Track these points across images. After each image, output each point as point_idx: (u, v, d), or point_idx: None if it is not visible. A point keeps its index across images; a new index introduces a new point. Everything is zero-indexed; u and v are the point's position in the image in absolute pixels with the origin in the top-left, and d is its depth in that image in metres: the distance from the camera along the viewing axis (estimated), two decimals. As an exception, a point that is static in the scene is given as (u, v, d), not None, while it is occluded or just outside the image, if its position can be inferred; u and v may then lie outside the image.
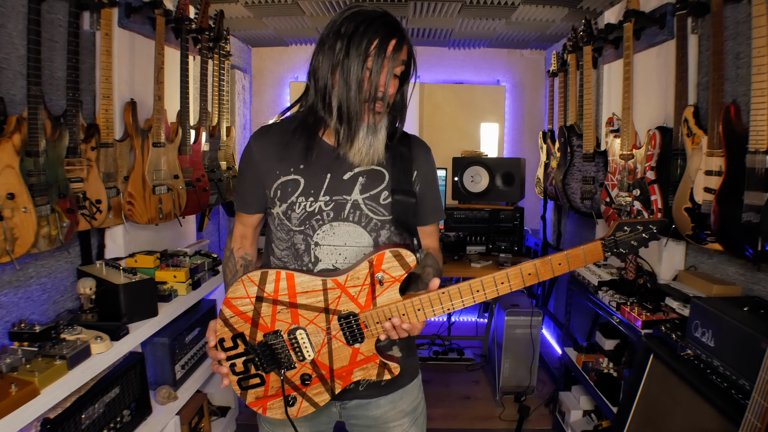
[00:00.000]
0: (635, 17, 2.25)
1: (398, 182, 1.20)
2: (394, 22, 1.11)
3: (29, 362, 1.42)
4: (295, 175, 1.18)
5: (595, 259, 1.06)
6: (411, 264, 1.08)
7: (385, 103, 1.12)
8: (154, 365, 2.09)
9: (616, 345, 2.41)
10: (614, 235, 1.06)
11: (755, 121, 1.51)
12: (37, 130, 1.55)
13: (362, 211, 1.18)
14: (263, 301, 1.10)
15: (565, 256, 1.04)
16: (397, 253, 1.07)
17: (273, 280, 1.10)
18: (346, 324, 1.10)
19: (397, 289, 1.09)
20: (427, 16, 3.24)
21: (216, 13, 2.78)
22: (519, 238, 3.22)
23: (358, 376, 1.14)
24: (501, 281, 1.06)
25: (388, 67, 1.09)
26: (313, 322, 1.10)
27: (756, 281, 1.77)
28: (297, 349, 1.12)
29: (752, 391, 1.16)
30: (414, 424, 1.33)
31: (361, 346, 1.11)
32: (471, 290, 1.07)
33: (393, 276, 1.08)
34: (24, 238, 1.51)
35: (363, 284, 1.08)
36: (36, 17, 1.53)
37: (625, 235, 1.05)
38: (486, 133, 4.20)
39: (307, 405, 1.15)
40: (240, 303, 1.11)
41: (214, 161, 2.80)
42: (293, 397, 1.15)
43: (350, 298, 1.09)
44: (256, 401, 1.16)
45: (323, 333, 1.11)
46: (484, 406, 3.07)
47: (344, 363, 1.13)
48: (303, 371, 1.14)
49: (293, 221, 1.19)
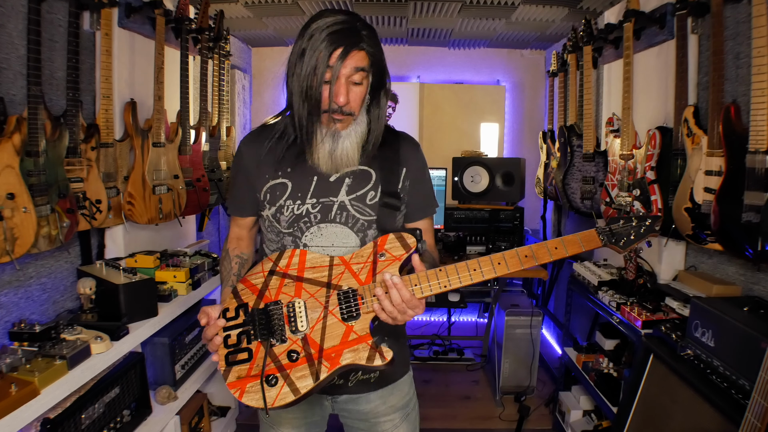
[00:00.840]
0: (635, 17, 2.25)
1: (386, 185, 1.21)
2: (340, 31, 1.07)
3: (29, 362, 1.42)
4: (283, 179, 1.21)
5: (592, 245, 1.08)
6: (411, 245, 1.12)
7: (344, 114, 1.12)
8: (154, 365, 2.09)
9: (616, 345, 2.41)
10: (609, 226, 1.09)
11: (755, 121, 1.51)
12: (37, 130, 1.55)
13: (349, 212, 1.20)
14: (274, 274, 1.16)
15: (561, 240, 1.07)
16: (399, 236, 1.14)
17: (288, 256, 1.18)
18: (344, 299, 1.11)
19: (397, 268, 1.11)
20: (427, 16, 3.24)
21: (216, 13, 2.78)
22: (519, 238, 3.22)
23: (348, 358, 1.09)
24: (498, 261, 1.08)
25: (334, 77, 1.08)
26: (313, 296, 1.13)
27: (756, 281, 1.77)
28: (293, 320, 1.12)
29: (752, 391, 1.16)
30: (405, 420, 1.33)
31: (356, 324, 1.11)
32: (468, 268, 1.08)
33: (394, 255, 1.12)
34: (24, 238, 1.51)
35: (366, 261, 1.14)
36: (36, 17, 1.54)
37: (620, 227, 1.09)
38: (486, 133, 4.20)
39: (287, 391, 1.08)
40: (254, 278, 1.18)
41: (214, 161, 2.80)
42: (275, 377, 1.09)
43: (353, 274, 1.14)
44: (237, 381, 1.11)
45: (321, 308, 1.12)
46: (484, 406, 3.07)
47: (335, 342, 1.10)
48: (292, 347, 1.11)
49: (282, 224, 1.22)
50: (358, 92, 1.13)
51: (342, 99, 1.10)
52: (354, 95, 1.12)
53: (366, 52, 1.10)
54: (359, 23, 1.11)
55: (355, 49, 1.08)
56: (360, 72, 1.10)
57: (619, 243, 1.09)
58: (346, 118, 1.14)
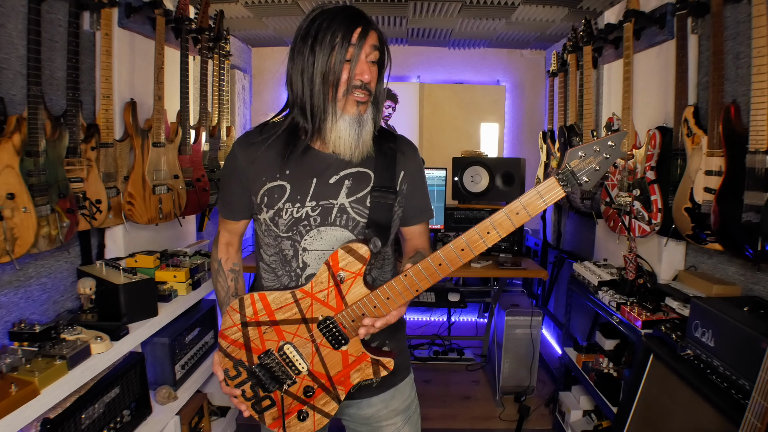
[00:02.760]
0: (635, 17, 2.25)
1: (381, 180, 1.20)
2: (355, 12, 1.11)
3: (29, 362, 1.42)
4: (281, 181, 1.18)
5: (555, 197, 0.92)
6: (365, 255, 1.06)
7: (367, 92, 1.13)
8: (154, 365, 2.09)
9: (616, 345, 2.41)
10: (568, 165, 0.91)
11: (755, 121, 1.51)
12: (37, 130, 1.55)
13: (349, 215, 1.18)
14: (248, 326, 1.14)
15: (521, 203, 0.95)
16: (348, 249, 1.07)
17: (250, 304, 1.13)
18: (326, 329, 1.11)
19: (361, 284, 1.08)
20: (427, 16, 3.24)
21: (216, 13, 2.78)
22: (519, 238, 3.22)
23: (356, 377, 1.14)
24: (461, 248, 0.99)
25: (357, 54, 1.09)
26: (296, 334, 1.13)
27: (756, 281, 1.77)
28: (290, 363, 1.14)
29: (752, 391, 1.16)
30: (407, 423, 1.33)
31: (349, 348, 1.12)
32: (433, 264, 1.01)
33: (352, 271, 1.07)
34: (24, 238, 1.51)
35: (328, 287, 1.09)
36: (36, 17, 1.54)
37: (582, 161, 0.91)
38: (486, 133, 4.20)
39: (320, 417, 1.17)
40: (231, 332, 1.16)
41: (214, 161, 2.80)
42: (305, 412, 1.17)
43: (321, 303, 1.10)
44: (274, 422, 1.19)
45: (309, 343, 1.12)
46: (484, 406, 3.07)
47: (339, 368, 1.14)
48: (304, 384, 1.15)
49: (280, 227, 1.19)
50: (375, 71, 1.15)
51: (367, 76, 1.11)
52: (374, 74, 1.14)
53: (377, 33, 1.13)
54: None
55: (372, 29, 1.12)
56: (377, 51, 1.13)
57: (586, 182, 0.91)
58: (368, 98, 1.14)
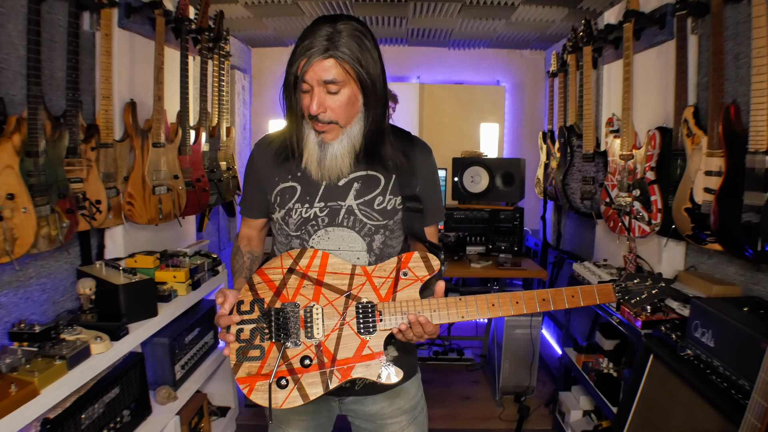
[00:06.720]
0: (635, 17, 2.25)
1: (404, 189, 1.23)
2: (311, 43, 1.05)
3: (29, 362, 1.42)
4: (292, 182, 1.23)
5: (607, 299, 1.14)
6: (435, 267, 1.13)
7: (324, 121, 1.11)
8: (154, 365, 2.09)
9: (616, 345, 2.41)
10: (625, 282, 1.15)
11: (755, 121, 1.51)
12: (37, 131, 1.55)
13: (356, 217, 1.21)
14: (293, 273, 1.15)
15: (578, 290, 1.13)
16: (425, 256, 1.14)
17: (309, 256, 1.16)
18: (363, 312, 1.12)
19: (417, 288, 1.13)
20: (427, 16, 3.25)
21: (216, 13, 2.78)
22: (519, 238, 3.22)
23: (359, 372, 1.10)
24: (516, 301, 1.12)
25: (301, 89, 1.09)
26: (332, 303, 1.13)
27: (756, 281, 1.77)
28: (309, 325, 1.12)
29: (752, 391, 1.16)
30: (413, 423, 1.33)
31: (371, 339, 1.11)
32: (487, 302, 1.12)
33: (417, 275, 1.14)
34: (24, 239, 1.51)
35: (388, 276, 1.14)
36: (36, 17, 1.54)
37: (634, 285, 1.16)
38: (486, 133, 4.20)
39: (296, 395, 1.10)
40: (272, 272, 1.16)
41: (213, 161, 2.80)
42: (285, 380, 1.10)
43: (373, 287, 1.13)
44: (247, 377, 1.12)
45: (338, 317, 1.12)
46: (484, 407, 3.06)
47: (349, 354, 1.11)
48: (305, 353, 1.12)
49: (291, 226, 1.23)
50: (337, 100, 1.09)
51: (314, 108, 1.08)
52: (333, 103, 1.10)
53: (338, 60, 1.06)
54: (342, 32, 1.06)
55: (320, 58, 1.05)
56: (331, 83, 1.07)
57: (631, 301, 1.15)
58: (329, 127, 1.12)
